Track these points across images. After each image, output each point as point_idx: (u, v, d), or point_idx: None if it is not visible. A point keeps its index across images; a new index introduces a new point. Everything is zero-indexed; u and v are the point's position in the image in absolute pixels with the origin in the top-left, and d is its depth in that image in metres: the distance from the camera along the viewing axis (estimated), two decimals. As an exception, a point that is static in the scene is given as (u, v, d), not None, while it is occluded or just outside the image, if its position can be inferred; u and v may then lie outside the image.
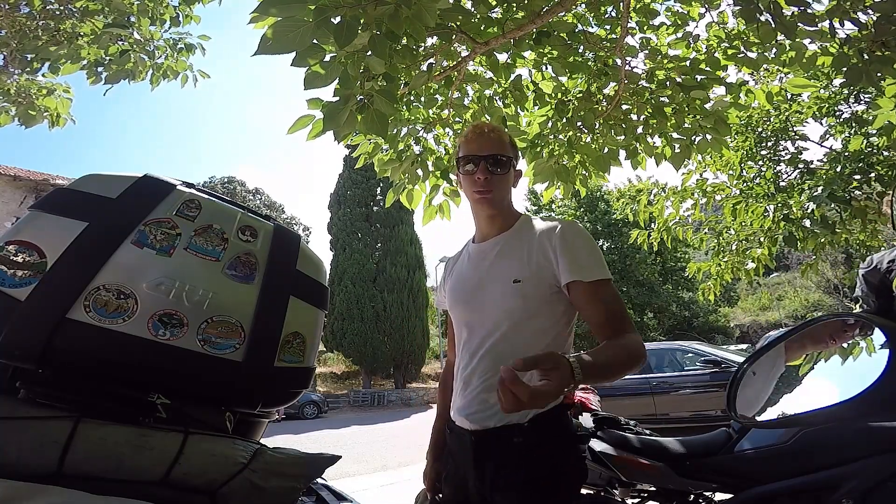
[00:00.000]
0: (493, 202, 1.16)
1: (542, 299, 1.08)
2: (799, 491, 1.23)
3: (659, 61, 2.65)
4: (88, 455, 0.60)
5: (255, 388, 0.83)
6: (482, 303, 1.13)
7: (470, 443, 1.10)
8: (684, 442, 1.59)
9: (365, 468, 6.63)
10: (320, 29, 1.28)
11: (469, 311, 1.16)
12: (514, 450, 1.05)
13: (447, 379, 1.34)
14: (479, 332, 1.13)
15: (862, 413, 1.09)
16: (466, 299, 1.17)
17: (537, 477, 1.04)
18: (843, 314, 1.89)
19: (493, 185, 1.14)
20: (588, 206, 20.41)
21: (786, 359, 1.42)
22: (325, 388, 21.05)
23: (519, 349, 1.06)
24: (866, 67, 2.03)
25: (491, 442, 1.08)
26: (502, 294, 1.09)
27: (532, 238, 1.12)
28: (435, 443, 1.33)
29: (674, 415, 6.28)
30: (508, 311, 1.08)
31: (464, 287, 1.19)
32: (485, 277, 1.15)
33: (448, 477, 1.20)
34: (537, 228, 1.14)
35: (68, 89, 3.26)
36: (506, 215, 1.20)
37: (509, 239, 1.16)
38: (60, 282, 0.71)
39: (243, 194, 36.41)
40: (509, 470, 1.05)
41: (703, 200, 5.44)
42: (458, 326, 1.21)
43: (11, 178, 12.64)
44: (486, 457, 1.08)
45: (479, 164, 1.13)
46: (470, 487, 1.11)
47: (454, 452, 1.18)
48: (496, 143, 1.15)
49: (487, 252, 1.17)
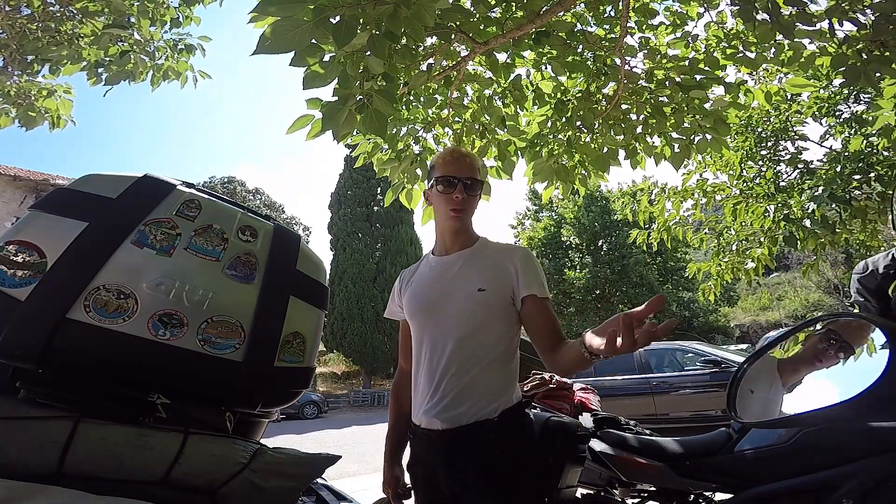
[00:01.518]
0: (463, 220, 1.28)
1: (501, 307, 1.21)
2: (799, 491, 1.23)
3: (658, 61, 2.66)
4: (88, 455, 0.60)
5: (255, 388, 0.83)
6: (447, 309, 1.22)
7: (441, 442, 1.16)
8: (684, 442, 1.59)
9: (365, 468, 6.63)
10: (319, 29, 1.29)
11: (434, 317, 1.24)
12: (486, 446, 1.13)
13: (401, 386, 1.40)
14: (445, 336, 1.20)
15: (862, 413, 1.09)
16: (431, 306, 1.25)
17: (505, 473, 1.12)
18: (843, 314, 1.89)
19: (466, 205, 1.26)
20: (589, 205, 20.39)
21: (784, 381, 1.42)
22: (325, 388, 21.06)
23: (482, 350, 1.19)
24: (864, 67, 2.03)
25: (464, 439, 1.14)
26: (467, 301, 1.21)
27: (493, 257, 1.27)
28: (392, 450, 1.38)
29: (674, 415, 6.27)
30: (472, 315, 1.19)
31: (428, 295, 1.28)
32: (450, 287, 1.25)
33: (418, 483, 1.25)
34: (497, 249, 1.30)
35: (69, 90, 3.26)
36: (468, 233, 1.32)
37: (472, 255, 1.29)
38: (60, 282, 0.71)
39: (243, 194, 36.41)
40: (482, 467, 1.12)
41: (704, 200, 5.44)
42: (419, 333, 1.27)
43: (11, 178, 12.65)
44: (459, 454, 1.14)
45: (456, 186, 1.24)
46: (442, 488, 1.16)
47: (421, 456, 1.23)
48: (472, 167, 1.27)
49: (451, 264, 1.28)
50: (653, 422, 6.09)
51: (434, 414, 1.17)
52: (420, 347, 1.26)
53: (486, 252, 1.29)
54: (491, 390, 1.17)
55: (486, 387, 1.17)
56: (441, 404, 1.17)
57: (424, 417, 1.20)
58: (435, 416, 1.17)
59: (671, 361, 6.75)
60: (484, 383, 1.17)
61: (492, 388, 1.17)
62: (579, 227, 20.17)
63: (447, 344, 1.19)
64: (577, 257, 20.30)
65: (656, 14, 2.71)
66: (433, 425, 1.17)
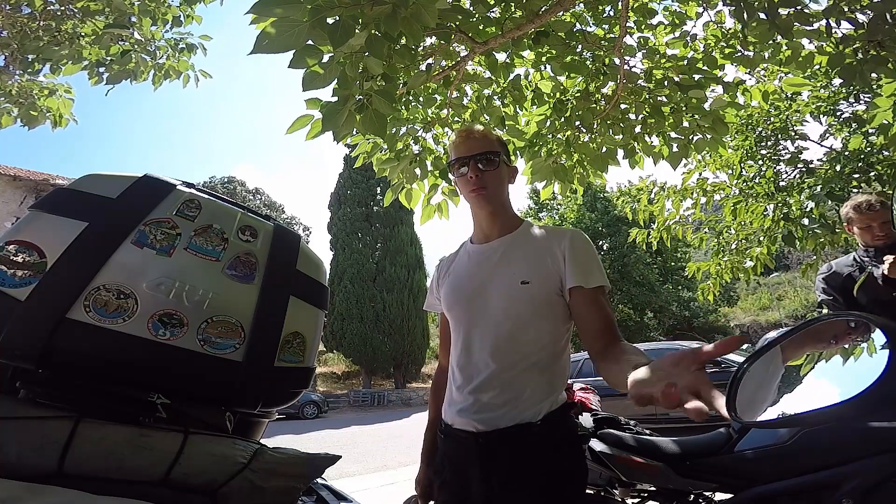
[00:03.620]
0: (489, 197, 1.17)
1: (547, 301, 1.09)
2: (799, 491, 1.23)
3: (657, 61, 2.66)
4: (88, 455, 0.60)
5: (255, 388, 0.83)
6: (486, 302, 1.13)
7: (475, 445, 1.08)
8: (684, 442, 1.59)
9: (365, 468, 6.63)
10: (315, 29, 1.28)
11: (472, 310, 1.15)
12: (528, 449, 1.04)
13: (440, 383, 1.31)
14: (483, 332, 1.12)
15: (862, 413, 1.09)
16: (470, 298, 1.16)
17: (551, 476, 1.04)
18: (843, 313, 1.90)
19: (485, 182, 1.16)
20: (590, 205, 20.38)
21: (784, 358, 1.43)
22: (325, 388, 21.04)
23: (526, 349, 1.08)
24: (860, 67, 2.04)
25: (501, 442, 1.06)
26: (509, 294, 1.10)
27: (538, 242, 1.14)
28: (429, 448, 1.29)
29: (674, 415, 6.27)
30: (515, 311, 1.09)
31: (466, 287, 1.18)
32: (490, 277, 1.14)
33: (445, 484, 1.16)
34: (544, 233, 1.17)
35: (70, 90, 3.26)
36: (507, 216, 1.21)
37: (514, 241, 1.17)
38: (60, 282, 0.71)
39: (243, 194, 36.41)
40: (523, 470, 1.03)
41: (703, 200, 5.44)
42: (457, 327, 1.18)
43: (11, 178, 12.63)
44: (495, 458, 1.06)
45: (469, 165, 1.16)
46: (472, 491, 1.08)
47: (451, 457, 1.14)
48: (483, 142, 1.18)
49: (491, 253, 1.18)
50: (653, 422, 6.08)
51: (470, 414, 1.09)
52: (458, 342, 1.16)
53: (531, 237, 1.16)
54: (534, 392, 1.07)
55: (529, 388, 1.07)
56: (478, 405, 1.08)
57: (459, 417, 1.11)
58: (471, 416, 1.09)
59: (671, 361, 6.74)
60: (527, 385, 1.07)
61: (535, 389, 1.07)
62: (581, 226, 20.18)
63: (487, 340, 1.10)
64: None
65: (655, 14, 2.71)
66: (468, 426, 1.09)
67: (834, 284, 2.17)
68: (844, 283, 2.12)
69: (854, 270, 2.12)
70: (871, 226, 2.10)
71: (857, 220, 2.15)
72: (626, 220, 7.72)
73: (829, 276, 2.21)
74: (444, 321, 1.29)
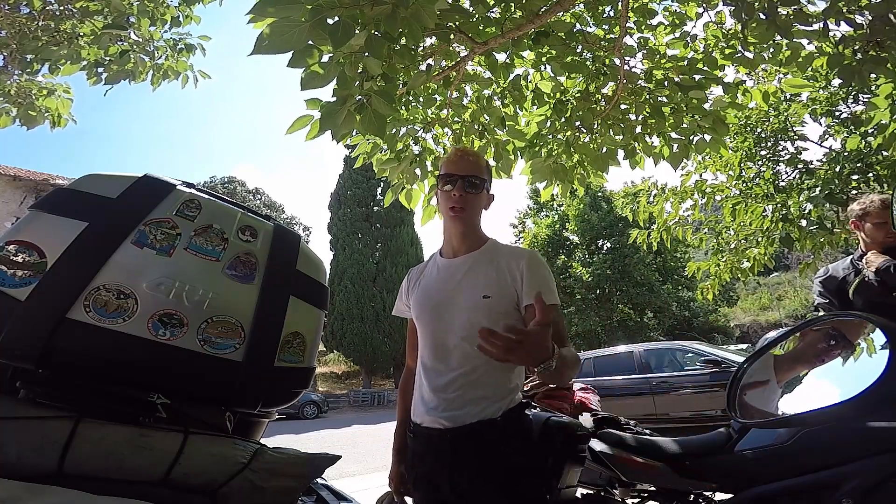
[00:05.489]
0: (465, 219, 1.27)
1: (505, 313, 1.21)
2: (799, 491, 1.23)
3: (657, 61, 2.66)
4: (88, 455, 0.60)
5: (255, 388, 0.82)
6: (452, 312, 1.23)
7: (443, 441, 1.17)
8: (684, 442, 1.59)
9: (365, 468, 6.62)
10: (315, 30, 1.28)
11: (439, 318, 1.25)
12: (490, 444, 1.14)
13: (408, 385, 1.40)
14: (450, 339, 1.22)
15: (862, 413, 1.09)
16: (438, 309, 1.26)
17: (508, 472, 1.14)
18: (843, 313, 1.90)
19: (465, 203, 1.26)
20: (592, 204, 20.37)
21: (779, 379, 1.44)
22: (325, 388, 21.04)
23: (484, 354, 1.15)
24: (859, 67, 2.04)
25: (467, 437, 1.15)
26: (470, 307, 1.21)
27: (499, 260, 1.26)
28: (400, 446, 1.38)
29: (674, 415, 6.27)
30: (477, 320, 1.19)
31: (434, 297, 1.28)
32: (456, 290, 1.25)
33: (417, 481, 1.25)
34: (504, 252, 1.28)
35: (68, 90, 3.26)
36: (475, 236, 1.31)
37: (478, 258, 1.28)
38: (60, 282, 0.71)
39: (243, 194, 36.39)
40: (487, 464, 1.13)
41: (703, 201, 5.45)
42: (426, 333, 1.28)
43: (11, 178, 12.63)
44: (462, 453, 1.15)
45: (456, 183, 1.25)
46: (443, 486, 1.17)
47: (422, 454, 1.23)
48: (475, 166, 1.27)
49: (458, 268, 1.28)
50: (653, 422, 6.09)
51: (438, 413, 1.19)
52: (426, 346, 1.27)
53: (494, 256, 1.28)
54: (495, 391, 1.19)
55: (490, 388, 1.18)
56: (445, 404, 1.18)
57: (428, 416, 1.21)
58: (439, 415, 1.18)
59: (671, 361, 6.75)
60: (488, 385, 1.18)
61: (496, 389, 1.19)
62: (584, 225, 20.16)
63: (453, 346, 1.21)
64: (578, 256, 20.29)
65: (655, 14, 2.71)
66: (436, 424, 1.19)
67: (830, 287, 2.18)
68: (840, 285, 2.13)
69: (850, 273, 2.12)
70: (887, 222, 2.06)
71: (875, 214, 2.10)
72: (627, 220, 7.74)
73: (825, 279, 2.22)
74: (412, 327, 1.39)
